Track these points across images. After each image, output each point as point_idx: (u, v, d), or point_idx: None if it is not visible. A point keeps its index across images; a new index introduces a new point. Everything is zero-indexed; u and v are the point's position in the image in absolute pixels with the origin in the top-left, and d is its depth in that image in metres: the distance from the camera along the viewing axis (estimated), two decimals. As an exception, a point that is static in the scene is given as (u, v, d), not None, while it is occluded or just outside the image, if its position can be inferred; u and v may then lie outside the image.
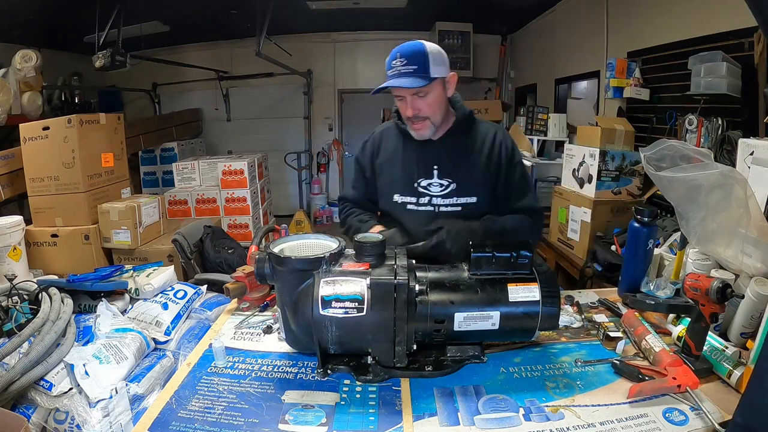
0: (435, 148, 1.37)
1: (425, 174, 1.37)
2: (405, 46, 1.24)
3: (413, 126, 1.32)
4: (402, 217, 1.39)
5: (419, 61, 1.22)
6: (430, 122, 1.31)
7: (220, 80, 5.65)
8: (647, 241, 1.25)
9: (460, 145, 1.38)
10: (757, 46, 1.94)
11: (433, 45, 1.27)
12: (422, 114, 1.29)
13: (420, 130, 1.32)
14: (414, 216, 1.37)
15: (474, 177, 1.37)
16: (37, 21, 3.61)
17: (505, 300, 0.95)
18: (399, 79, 1.23)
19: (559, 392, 0.92)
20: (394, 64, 1.24)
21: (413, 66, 1.22)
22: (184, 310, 1.51)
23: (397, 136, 1.43)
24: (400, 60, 1.22)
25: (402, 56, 1.22)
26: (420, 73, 1.22)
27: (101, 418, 1.17)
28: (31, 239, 2.40)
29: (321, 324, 0.92)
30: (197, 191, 3.65)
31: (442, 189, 1.37)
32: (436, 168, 1.37)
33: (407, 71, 1.22)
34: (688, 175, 1.16)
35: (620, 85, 2.85)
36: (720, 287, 0.93)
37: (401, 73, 1.23)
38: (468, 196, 1.37)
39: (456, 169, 1.36)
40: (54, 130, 2.38)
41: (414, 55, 1.22)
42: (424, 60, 1.23)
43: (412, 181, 1.38)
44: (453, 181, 1.36)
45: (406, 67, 1.22)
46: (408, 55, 1.22)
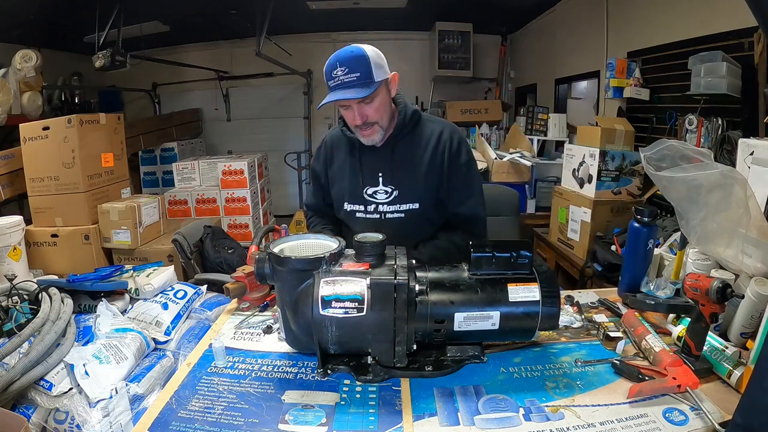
0: (379, 155, 1.35)
1: (371, 181, 1.36)
2: (343, 53, 1.19)
3: (362, 133, 1.29)
4: (352, 225, 1.39)
5: (361, 68, 1.18)
6: (378, 126, 1.29)
7: (220, 80, 5.65)
8: (647, 241, 1.25)
9: (403, 150, 1.35)
10: (757, 46, 1.94)
11: (370, 47, 1.22)
12: (370, 120, 1.26)
13: (370, 136, 1.29)
14: (363, 224, 1.35)
15: (415, 182, 1.34)
16: (37, 21, 3.61)
17: (505, 300, 0.95)
18: (344, 91, 1.19)
19: (559, 392, 0.92)
20: (336, 74, 1.19)
21: (355, 74, 1.18)
22: (184, 310, 1.51)
23: (345, 144, 1.41)
24: (341, 69, 1.18)
25: (342, 65, 1.18)
26: (363, 80, 1.18)
27: (101, 418, 1.17)
28: (31, 239, 2.40)
29: (321, 324, 0.92)
30: (197, 191, 3.65)
31: (387, 196, 1.35)
32: (381, 175, 1.35)
33: (350, 80, 1.18)
34: (688, 175, 1.16)
35: (620, 85, 2.85)
36: (720, 287, 0.93)
37: (344, 83, 1.18)
38: (410, 203, 1.34)
39: (398, 176, 1.34)
40: (54, 130, 2.38)
41: (355, 61, 1.18)
42: (366, 65, 1.19)
43: (360, 189, 1.36)
44: (396, 188, 1.34)
45: (348, 76, 1.18)
46: (348, 62, 1.18)
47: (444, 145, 1.34)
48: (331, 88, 1.21)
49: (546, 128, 3.73)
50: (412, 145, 1.35)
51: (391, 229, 1.30)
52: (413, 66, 5.46)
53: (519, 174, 3.28)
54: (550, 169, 3.40)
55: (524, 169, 3.27)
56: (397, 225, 1.34)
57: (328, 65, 1.21)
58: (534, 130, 3.75)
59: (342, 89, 1.19)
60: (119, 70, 3.37)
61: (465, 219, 1.39)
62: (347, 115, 1.28)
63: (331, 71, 1.20)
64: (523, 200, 3.11)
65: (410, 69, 5.47)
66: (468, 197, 1.38)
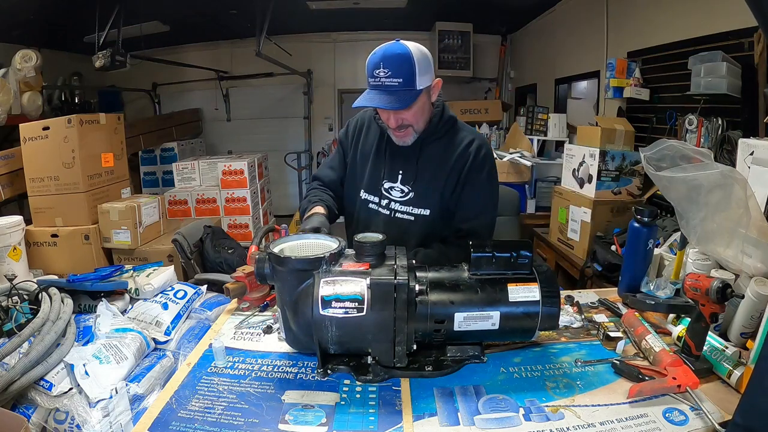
0: (405, 153, 1.32)
1: (390, 177, 1.34)
2: (389, 51, 1.13)
3: (396, 134, 1.26)
4: (361, 213, 1.37)
5: (404, 73, 1.12)
6: (413, 130, 1.26)
7: (220, 80, 5.65)
8: (647, 241, 1.25)
9: (429, 154, 1.31)
10: (757, 46, 1.94)
11: (418, 48, 1.16)
12: (406, 122, 1.23)
13: (403, 138, 1.27)
14: (373, 216, 1.35)
15: (432, 189, 1.30)
16: (37, 21, 3.61)
17: (505, 300, 0.95)
18: (382, 97, 1.14)
19: (559, 392, 0.92)
20: (377, 74, 1.13)
21: (398, 79, 1.12)
22: (184, 310, 1.51)
23: (375, 130, 1.38)
24: (384, 71, 1.12)
25: (386, 66, 1.12)
26: (405, 87, 1.13)
27: (101, 418, 1.17)
28: (31, 239, 2.40)
29: (321, 324, 0.92)
30: (197, 191, 3.65)
31: (402, 195, 1.33)
32: (401, 173, 1.33)
33: (391, 85, 1.13)
34: (688, 175, 1.16)
35: (620, 85, 2.85)
36: (720, 287, 0.93)
37: (385, 86, 1.13)
38: (422, 208, 1.32)
39: (417, 179, 1.31)
40: (54, 130, 2.38)
41: (399, 64, 1.12)
42: (410, 70, 1.13)
43: (378, 181, 1.35)
44: (412, 190, 1.32)
45: (390, 80, 1.12)
46: (392, 64, 1.12)
47: (469, 155, 1.29)
48: (371, 86, 1.17)
49: (546, 128, 3.73)
50: (439, 150, 1.31)
51: (397, 230, 1.30)
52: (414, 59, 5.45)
53: (519, 174, 3.28)
54: (550, 169, 3.40)
55: (524, 169, 3.27)
56: (404, 227, 1.33)
57: (371, 60, 1.16)
58: (534, 130, 3.75)
59: (381, 93, 1.14)
60: (119, 70, 3.38)
61: (464, 235, 1.30)
62: (382, 114, 1.26)
63: (374, 69, 1.14)
64: (523, 200, 3.11)
65: (410, 69, 5.47)
66: (476, 215, 1.32)
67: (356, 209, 1.40)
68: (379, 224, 1.28)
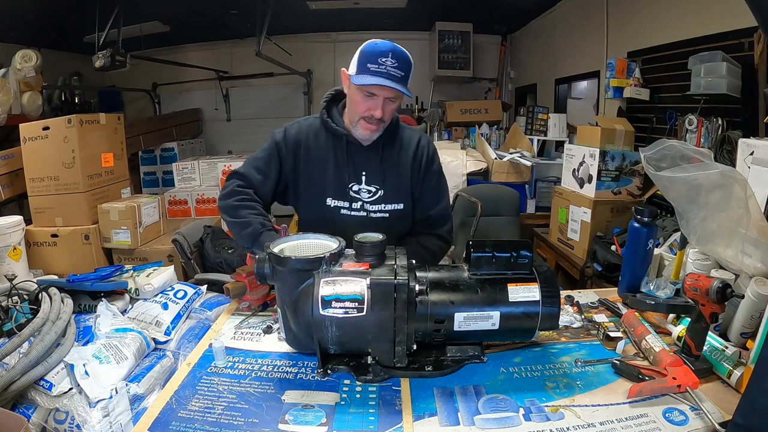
0: (364, 154, 1.35)
1: (354, 179, 1.35)
2: (398, 49, 1.22)
3: (370, 126, 1.28)
4: (335, 222, 1.33)
5: (406, 70, 1.22)
6: (383, 127, 1.31)
7: (220, 80, 5.65)
8: (647, 241, 1.25)
9: (387, 152, 1.37)
10: (757, 46, 1.94)
11: None
12: (384, 118, 1.27)
13: (373, 132, 1.30)
14: (348, 221, 1.33)
15: (400, 184, 1.37)
16: (37, 21, 3.61)
17: (505, 300, 0.95)
18: (393, 82, 1.19)
19: (559, 392, 0.92)
20: (384, 62, 1.19)
21: (402, 72, 1.21)
22: (184, 310, 1.51)
23: (324, 136, 1.37)
24: (392, 61, 1.19)
25: (395, 57, 1.19)
26: (405, 82, 1.22)
27: (101, 418, 1.17)
28: (31, 239, 2.40)
29: (321, 324, 0.92)
30: (197, 191, 3.65)
31: (370, 195, 1.36)
32: (365, 174, 1.35)
33: (396, 75, 1.20)
34: (688, 175, 1.16)
35: (620, 85, 2.85)
36: (720, 287, 0.93)
37: (390, 75, 1.19)
38: (395, 203, 1.37)
39: (383, 176, 1.36)
40: (54, 130, 2.38)
41: (405, 62, 1.21)
42: (409, 69, 1.23)
43: (345, 185, 1.35)
44: (380, 188, 1.35)
45: (396, 70, 1.20)
46: (401, 59, 1.20)
47: (422, 150, 1.40)
48: (373, 72, 1.19)
49: (546, 128, 3.73)
50: (395, 149, 1.38)
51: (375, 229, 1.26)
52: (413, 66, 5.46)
53: (519, 174, 3.28)
54: (550, 169, 3.40)
55: (524, 169, 3.27)
56: (381, 224, 1.34)
57: (376, 49, 1.20)
58: (534, 130, 3.75)
59: (389, 79, 1.19)
60: (119, 70, 3.38)
61: (435, 219, 1.42)
62: (365, 103, 1.25)
63: (379, 57, 1.19)
64: (523, 200, 3.11)
65: (410, 69, 5.47)
66: (439, 200, 1.43)
67: (323, 218, 1.36)
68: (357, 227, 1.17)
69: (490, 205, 2.55)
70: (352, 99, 1.29)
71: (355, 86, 1.24)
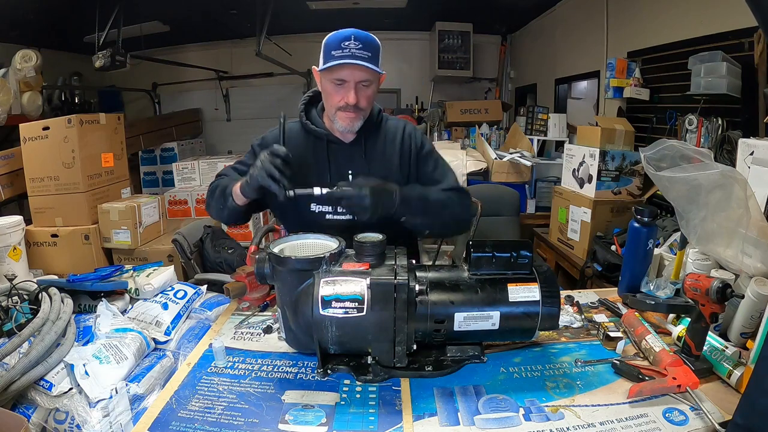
0: (347, 152, 1.30)
1: (340, 180, 1.25)
2: (360, 32, 1.16)
3: (347, 115, 1.22)
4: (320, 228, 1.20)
5: (373, 50, 1.16)
6: (362, 115, 1.24)
7: (220, 80, 5.65)
8: (647, 241, 1.25)
9: (372, 147, 1.32)
10: (757, 46, 1.94)
11: None
12: (360, 105, 1.21)
13: (352, 121, 1.23)
14: (333, 227, 1.22)
15: (389, 179, 1.26)
16: (37, 21, 3.61)
17: (505, 300, 0.95)
18: (360, 60, 1.13)
19: (559, 392, 0.92)
20: (347, 45, 1.13)
21: (368, 52, 1.15)
22: (184, 310, 1.51)
23: (305, 139, 1.32)
24: (355, 43, 1.13)
25: (357, 40, 1.14)
26: (374, 61, 1.16)
27: (101, 418, 1.17)
28: (31, 239, 2.40)
29: (321, 324, 0.92)
30: (197, 191, 3.64)
31: None
32: (351, 173, 1.29)
33: (362, 56, 1.14)
34: (688, 175, 1.16)
35: (620, 85, 2.86)
36: (720, 287, 0.93)
37: (355, 56, 1.13)
38: None
39: (371, 173, 1.27)
40: (54, 130, 2.38)
41: (370, 43, 1.16)
42: (377, 51, 1.18)
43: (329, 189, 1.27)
44: None
45: (361, 51, 1.14)
46: (364, 41, 1.15)
47: (409, 138, 1.34)
48: (338, 56, 1.14)
49: (546, 128, 3.73)
50: (380, 143, 1.33)
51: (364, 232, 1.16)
52: (413, 66, 5.47)
53: (519, 174, 3.28)
54: (550, 169, 3.40)
55: (524, 169, 3.27)
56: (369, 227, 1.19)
57: (336, 36, 1.16)
58: (534, 130, 3.75)
59: (354, 59, 1.14)
60: (119, 70, 3.38)
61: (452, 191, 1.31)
62: (337, 93, 1.20)
63: (342, 41, 1.14)
64: (523, 200, 3.11)
65: (410, 69, 5.47)
66: (444, 177, 1.33)
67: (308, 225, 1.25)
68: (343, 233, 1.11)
69: (490, 205, 2.54)
70: (325, 92, 1.25)
71: (326, 79, 1.20)
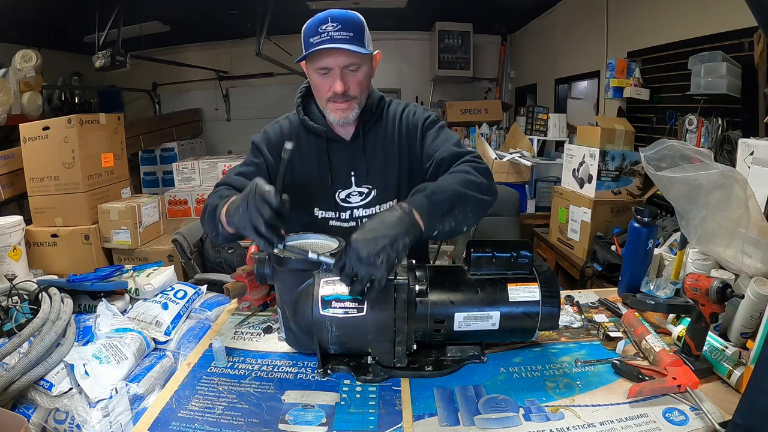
0: (348, 151, 1.19)
1: (342, 183, 1.19)
2: (336, 11, 1.05)
3: (338, 106, 1.11)
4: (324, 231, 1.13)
5: (355, 29, 1.04)
6: (356, 103, 1.12)
7: (220, 80, 5.65)
8: (647, 241, 1.25)
9: (373, 142, 1.20)
10: (757, 46, 1.94)
11: None
12: (350, 93, 1.09)
13: (346, 111, 1.11)
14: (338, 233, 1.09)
15: (393, 176, 1.20)
16: (37, 21, 3.61)
17: (505, 300, 0.95)
18: (339, 43, 1.01)
19: (559, 392, 0.92)
20: (325, 29, 1.02)
21: (349, 32, 1.03)
22: (184, 310, 1.51)
23: (305, 137, 1.21)
24: (332, 25, 1.02)
25: (335, 20, 1.03)
26: (357, 41, 1.04)
27: (101, 418, 1.17)
28: (31, 239, 2.40)
29: (321, 324, 0.92)
30: (197, 191, 3.64)
31: (363, 198, 1.20)
32: (353, 174, 1.19)
33: (342, 38, 1.02)
34: (688, 175, 1.16)
35: (620, 85, 2.86)
36: (720, 287, 0.93)
37: (335, 39, 1.02)
38: (388, 201, 1.21)
39: (374, 172, 1.19)
40: (54, 130, 2.38)
41: (350, 21, 1.04)
42: (360, 29, 1.05)
43: (331, 193, 1.20)
44: (373, 187, 1.20)
45: (340, 33, 1.02)
46: (343, 20, 1.03)
47: (406, 121, 1.21)
48: (316, 43, 1.03)
49: (546, 128, 3.73)
50: (380, 135, 1.21)
51: None
52: (413, 66, 5.47)
53: (519, 174, 3.28)
54: (550, 169, 3.40)
55: (524, 169, 3.27)
56: None
57: (312, 22, 1.05)
58: (534, 130, 3.75)
59: (333, 42, 1.02)
60: (119, 70, 3.38)
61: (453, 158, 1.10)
62: (324, 83, 1.10)
63: (318, 26, 1.03)
64: (523, 200, 3.11)
65: (410, 69, 5.47)
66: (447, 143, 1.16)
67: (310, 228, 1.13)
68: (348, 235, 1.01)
69: (490, 205, 2.54)
70: (313, 83, 1.14)
71: (311, 70, 1.10)
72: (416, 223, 0.86)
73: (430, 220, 0.88)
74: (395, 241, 0.81)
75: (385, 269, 0.81)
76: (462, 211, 0.95)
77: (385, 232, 0.82)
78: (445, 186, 0.97)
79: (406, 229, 0.84)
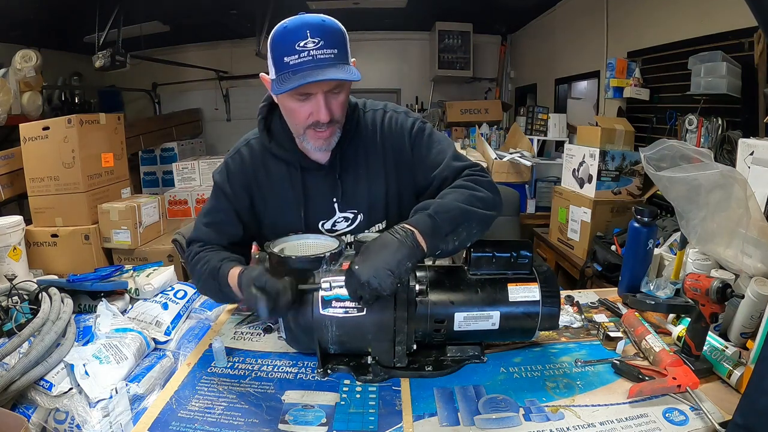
0: (328, 177, 1.07)
1: (324, 212, 1.09)
2: (313, 20, 0.88)
3: (321, 134, 0.97)
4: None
5: (338, 44, 0.89)
6: (338, 127, 0.99)
7: (220, 80, 5.66)
8: (647, 241, 1.25)
9: (354, 160, 1.07)
10: (757, 46, 1.94)
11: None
12: (335, 118, 0.96)
13: (328, 139, 0.98)
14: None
15: (380, 194, 1.08)
16: (37, 21, 3.61)
17: (505, 300, 0.95)
18: (327, 71, 0.86)
19: (559, 392, 0.92)
20: (304, 47, 0.86)
21: (333, 49, 0.88)
22: (184, 310, 1.51)
23: (274, 164, 1.08)
24: (312, 41, 0.86)
25: (315, 34, 0.87)
26: (341, 60, 0.89)
27: (101, 418, 1.17)
28: (31, 239, 2.40)
29: (321, 324, 0.92)
30: (197, 191, 3.64)
31: (349, 224, 1.10)
32: (336, 201, 1.08)
33: (326, 58, 0.87)
34: (688, 175, 1.16)
35: (620, 85, 2.86)
36: (720, 287, 0.93)
37: (318, 60, 0.87)
38: (377, 223, 1.11)
39: (357, 194, 1.08)
40: (54, 130, 2.38)
41: (330, 34, 0.89)
42: (343, 43, 0.91)
43: (314, 224, 1.09)
44: (359, 211, 1.09)
45: (322, 52, 0.87)
46: (322, 33, 0.88)
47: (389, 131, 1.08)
48: (294, 66, 0.87)
49: (546, 128, 3.73)
50: (360, 150, 1.07)
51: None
52: (413, 66, 5.47)
53: (519, 174, 3.28)
54: (550, 169, 3.40)
55: (524, 169, 3.27)
56: None
57: (284, 34, 0.89)
58: (534, 130, 3.75)
59: (319, 68, 0.87)
60: (119, 70, 3.39)
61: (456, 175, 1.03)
62: (301, 109, 0.94)
63: (296, 42, 0.86)
64: (523, 200, 3.11)
65: (410, 69, 5.47)
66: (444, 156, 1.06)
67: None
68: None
69: (490, 205, 2.54)
70: (287, 109, 0.98)
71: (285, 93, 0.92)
72: (418, 246, 0.84)
73: (432, 241, 0.86)
74: (397, 267, 0.80)
75: (388, 292, 0.81)
76: (466, 229, 0.92)
77: (386, 258, 0.81)
78: (448, 204, 0.93)
79: (409, 253, 0.82)
